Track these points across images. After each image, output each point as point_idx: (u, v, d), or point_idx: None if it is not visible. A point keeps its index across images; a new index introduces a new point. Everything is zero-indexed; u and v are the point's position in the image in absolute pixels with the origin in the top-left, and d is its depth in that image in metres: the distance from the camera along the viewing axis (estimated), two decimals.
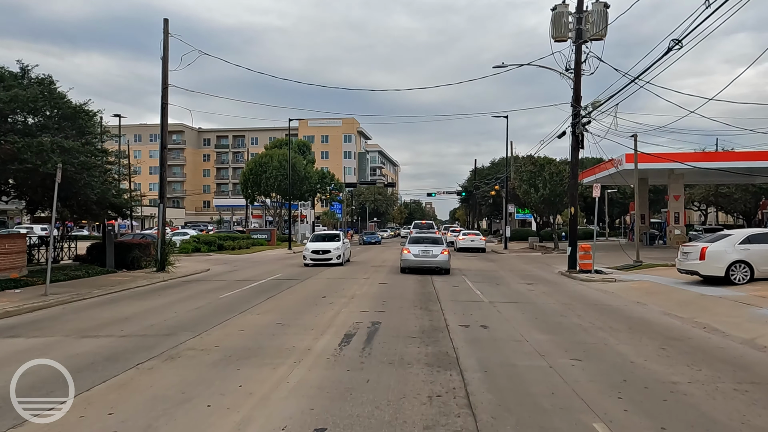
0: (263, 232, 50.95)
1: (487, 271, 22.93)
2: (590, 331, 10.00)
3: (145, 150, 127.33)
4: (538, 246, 39.74)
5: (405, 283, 17.97)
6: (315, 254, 25.02)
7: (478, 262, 28.42)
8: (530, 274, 21.65)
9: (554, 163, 36.29)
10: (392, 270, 23.06)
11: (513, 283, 18.45)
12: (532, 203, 36.49)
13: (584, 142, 21.73)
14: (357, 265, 25.75)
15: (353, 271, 22.70)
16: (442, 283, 18.13)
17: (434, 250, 21.63)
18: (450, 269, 21.97)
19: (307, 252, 25.31)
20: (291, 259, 31.28)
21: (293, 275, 20.83)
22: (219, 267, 25.51)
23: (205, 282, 18.78)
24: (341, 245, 26.10)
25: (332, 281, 18.59)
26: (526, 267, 25.45)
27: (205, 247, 36.01)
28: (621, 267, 22.46)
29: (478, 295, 15.15)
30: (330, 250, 25.25)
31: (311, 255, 24.99)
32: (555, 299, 14.41)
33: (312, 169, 60.80)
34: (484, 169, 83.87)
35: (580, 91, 21.74)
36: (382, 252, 38.98)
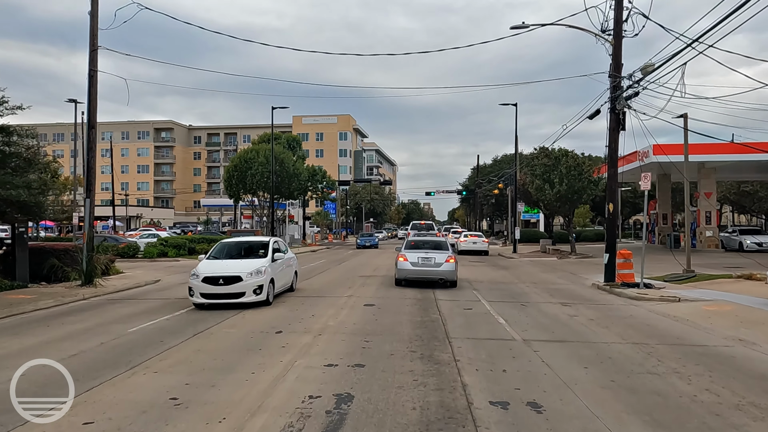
0: (246, 234, 46.32)
1: (503, 283, 18.45)
2: (724, 416, 5.54)
3: (132, 148, 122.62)
4: (552, 249, 35.31)
5: (399, 303, 13.47)
6: (208, 286, 12.47)
7: (489, 270, 23.94)
8: (558, 288, 17.17)
9: (572, 155, 31.83)
10: (385, 282, 18.57)
11: (542, 302, 13.96)
12: (547, 201, 32.02)
13: (626, 121, 17.27)
14: (328, 284, 20.91)
15: (301, 308, 17.08)
16: (450, 302, 13.64)
17: (437, 257, 17.17)
18: (457, 281, 17.53)
19: (194, 282, 12.69)
20: None
21: None
22: (175, 277, 21.00)
23: (133, 302, 14.24)
24: (270, 265, 13.51)
25: (304, 299, 14.09)
26: (548, 277, 20.98)
27: (172, 251, 31.49)
28: (670, 278, 17.98)
29: (502, 325, 10.67)
30: (241, 275, 12.61)
31: (201, 287, 12.51)
32: (616, 333, 9.94)
33: (302, 166, 56.24)
34: (486, 166, 79.43)
35: (620, 56, 17.27)
36: (375, 256, 34.48)
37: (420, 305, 13.13)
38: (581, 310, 12.71)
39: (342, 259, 31.81)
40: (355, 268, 24.64)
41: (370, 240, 49.76)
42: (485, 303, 13.62)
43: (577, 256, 31.48)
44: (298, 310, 12.37)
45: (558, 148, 32.76)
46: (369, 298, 14.40)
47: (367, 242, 48.60)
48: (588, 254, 32.78)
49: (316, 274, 22.05)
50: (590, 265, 25.86)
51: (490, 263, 28.64)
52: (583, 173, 31.15)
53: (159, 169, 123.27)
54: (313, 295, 14.98)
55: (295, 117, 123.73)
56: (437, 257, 17.17)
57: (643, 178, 16.13)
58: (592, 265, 26.31)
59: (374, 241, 49.52)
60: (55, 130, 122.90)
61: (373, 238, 50.50)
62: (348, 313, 11.91)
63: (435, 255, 17.26)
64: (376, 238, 51.17)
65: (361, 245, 47.63)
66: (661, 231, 42.02)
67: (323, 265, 27.59)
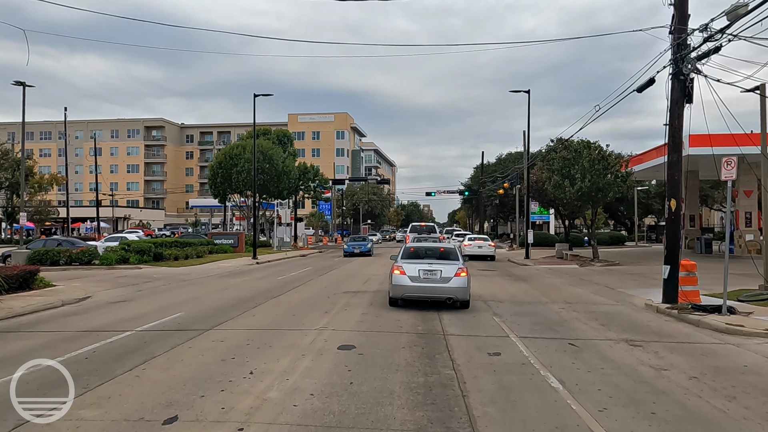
0: (229, 237, 42.11)
1: (529, 303, 14.20)
2: None
3: (122, 146, 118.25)
4: (570, 255, 31.06)
5: (392, 344, 9.20)
6: None
7: (504, 283, 19.69)
8: (605, 312, 12.91)
9: (595, 147, 27.59)
10: (376, 301, 14.32)
11: (598, 339, 9.70)
12: (567, 199, 27.78)
13: (693, 90, 13.06)
14: (300, 306, 16.32)
15: (240, 354, 12.07)
16: (465, 340, 9.40)
17: (445, 269, 12.98)
18: (470, 301, 13.33)
19: None
20: (244, 275, 22.57)
21: (200, 317, 12.08)
22: (114, 292, 16.75)
23: (14, 336, 9.97)
24: None
25: (253, 336, 9.84)
26: (582, 293, 16.72)
27: (134, 257, 27.20)
28: (748, 298, 13.71)
29: (560, 394, 6.41)
30: None
31: None
32: (754, 411, 5.71)
33: (292, 163, 52.01)
34: (489, 165, 75.18)
35: (687, 5, 13.08)
36: (369, 264, 30.23)
37: (422, 347, 8.87)
38: (664, 355, 8.47)
39: (330, 267, 27.57)
40: (342, 280, 20.39)
41: (361, 246, 38.39)
42: (517, 341, 9.37)
43: (601, 263, 27.23)
44: (235, 358, 8.11)
45: (579, 140, 28.53)
46: (349, 332, 10.12)
47: (356, 248, 37.77)
48: (612, 260, 28.55)
49: (292, 288, 17.81)
50: (624, 276, 21.63)
51: (503, 272, 24.39)
52: (609, 167, 26.92)
53: (149, 168, 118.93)
54: (269, 328, 10.70)
55: (291, 115, 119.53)
56: (444, 270, 12.97)
57: (725, 164, 11.90)
58: (625, 275, 22.09)
59: (366, 247, 38.33)
60: (42, 128, 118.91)
61: (365, 244, 38.98)
62: (309, 367, 7.63)
63: (441, 267, 13.05)
64: (369, 243, 39.78)
65: (348, 252, 37.43)
66: (688, 234, 37.76)
67: (307, 274, 23.35)
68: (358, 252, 37.32)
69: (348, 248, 37.90)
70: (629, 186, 27.58)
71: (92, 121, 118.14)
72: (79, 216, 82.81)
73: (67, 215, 61.65)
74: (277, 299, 14.75)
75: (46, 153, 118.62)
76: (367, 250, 37.99)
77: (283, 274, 23.49)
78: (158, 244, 29.10)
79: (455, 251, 14.74)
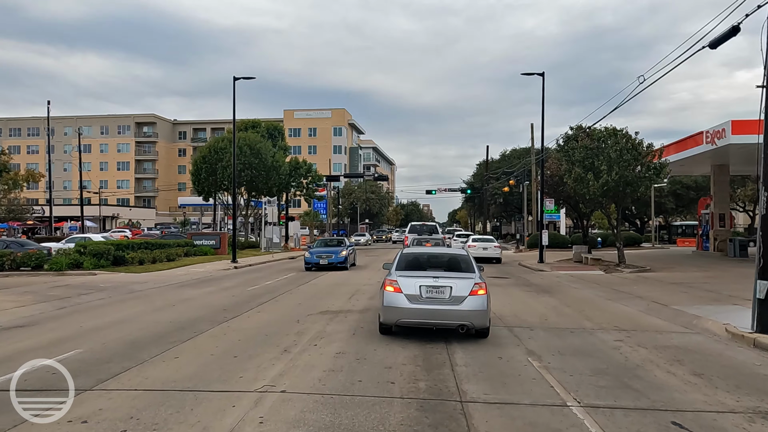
0: (210, 237, 38.33)
1: (573, 333, 10.42)
2: None
3: (112, 143, 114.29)
4: (591, 259, 27.30)
5: (377, 422, 5.44)
6: None
7: (524, 295, 15.92)
8: (683, 347, 9.14)
9: (623, 134, 23.81)
10: (363, 327, 10.54)
11: (713, 410, 5.93)
12: (589, 195, 23.98)
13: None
14: (255, 336, 12.65)
15: None
16: (501, 417, 5.63)
17: (456, 285, 9.31)
18: (490, 327, 9.63)
19: None
20: (210, 284, 18.76)
21: (97, 359, 8.34)
22: (30, 309, 13.00)
23: None
24: None
25: (150, 400, 6.07)
26: (630, 312, 12.96)
27: (90, 261, 23.43)
28: None
29: None
30: None
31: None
32: None
33: (282, 158, 48.24)
34: (493, 162, 71.41)
35: None
36: (361, 270, 26.45)
37: None
38: None
39: (316, 274, 23.79)
40: (324, 293, 16.59)
41: (331, 255, 25.38)
42: (585, 417, 5.60)
43: (630, 269, 23.46)
44: None
45: (604, 126, 24.75)
46: (307, 398, 6.29)
47: (321, 258, 25.11)
48: (639, 265, 24.78)
49: (257, 305, 14.03)
50: (668, 287, 17.86)
51: (518, 280, 20.64)
52: (640, 156, 23.17)
53: (140, 166, 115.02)
54: (182, 387, 6.89)
55: (287, 111, 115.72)
56: (456, 286, 9.28)
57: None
58: (668, 285, 18.31)
59: (338, 257, 25.38)
60: (30, 124, 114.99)
61: (337, 251, 25.86)
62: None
63: (451, 282, 9.35)
64: (345, 250, 26.53)
65: (311, 264, 25.06)
66: (718, 235, 34.01)
67: (285, 283, 19.60)
68: (325, 264, 24.94)
69: (310, 258, 25.30)
70: (663, 178, 23.84)
71: (81, 116, 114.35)
72: (65, 215, 79.17)
73: (50, 214, 58.16)
74: (227, 325, 10.95)
75: (34, 150, 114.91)
76: (341, 260, 25.29)
77: (258, 282, 19.74)
78: (120, 247, 25.31)
79: (468, 259, 10.88)
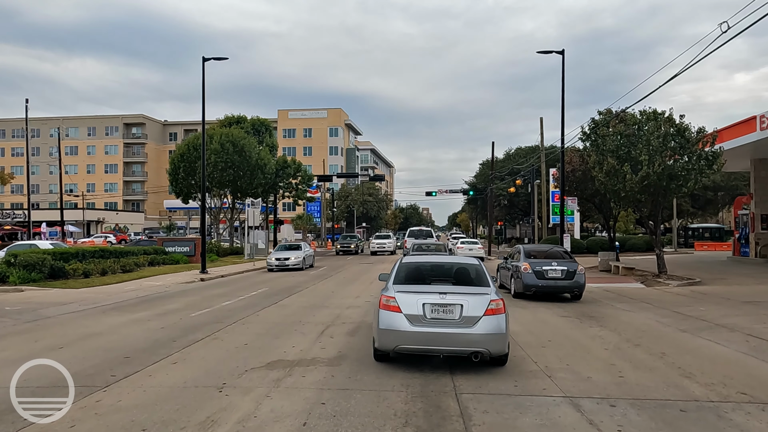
0: (184, 244, 34.13)
1: (682, 410, 6.23)
2: None
3: (99, 145, 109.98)
4: (622, 268, 23.12)
5: None
6: None
7: (564, 324, 11.72)
8: None
9: (666, 119, 19.66)
10: (318, 413, 6.33)
11: None
12: (626, 191, 19.74)
13: None
14: (205, 378, 8.64)
15: None
16: None
17: (468, 302, 5.67)
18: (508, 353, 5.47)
19: None
20: (156, 306, 14.48)
21: None
22: None
23: None
24: None
25: None
26: (736, 357, 8.77)
27: (18, 274, 19.24)
28: None
29: None
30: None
31: None
32: None
33: (268, 156, 44.06)
34: (497, 161, 67.16)
35: None
36: (357, 278, 22.30)
37: None
38: None
39: (293, 288, 19.57)
40: (287, 323, 12.20)
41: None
42: None
43: (676, 282, 19.29)
44: None
45: (641, 109, 20.60)
46: None
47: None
48: (684, 275, 20.64)
49: (180, 348, 9.81)
50: (742, 307, 13.70)
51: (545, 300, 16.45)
52: (687, 145, 19.04)
53: (129, 168, 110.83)
54: None
55: (281, 111, 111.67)
56: (467, 303, 5.53)
57: None
58: (742, 305, 14.15)
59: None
60: (15, 126, 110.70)
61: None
62: None
63: (461, 298, 5.67)
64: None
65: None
66: (760, 239, 29.88)
67: (252, 302, 15.38)
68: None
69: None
70: (717, 171, 19.67)
71: (67, 117, 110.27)
72: (47, 219, 75.07)
73: (29, 218, 54.05)
74: (116, 389, 6.73)
75: (19, 152, 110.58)
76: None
77: (214, 302, 15.51)
78: (59, 257, 21.10)
79: (481, 269, 7.33)
